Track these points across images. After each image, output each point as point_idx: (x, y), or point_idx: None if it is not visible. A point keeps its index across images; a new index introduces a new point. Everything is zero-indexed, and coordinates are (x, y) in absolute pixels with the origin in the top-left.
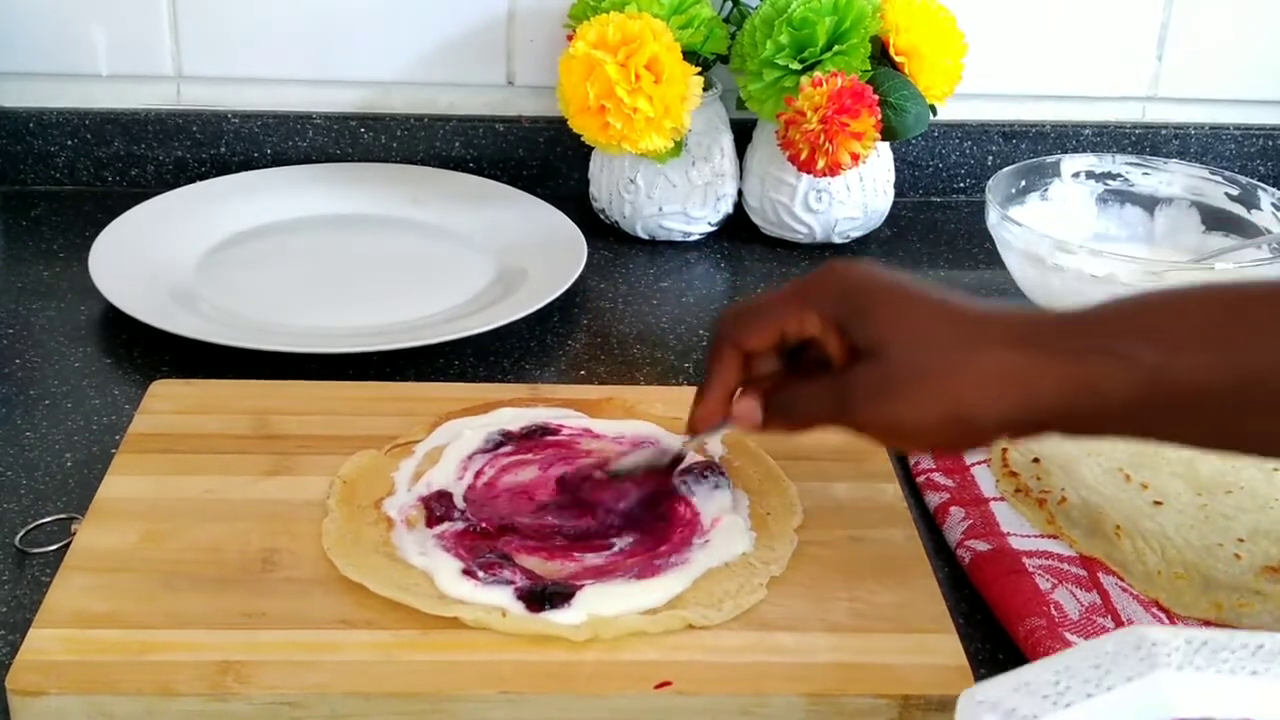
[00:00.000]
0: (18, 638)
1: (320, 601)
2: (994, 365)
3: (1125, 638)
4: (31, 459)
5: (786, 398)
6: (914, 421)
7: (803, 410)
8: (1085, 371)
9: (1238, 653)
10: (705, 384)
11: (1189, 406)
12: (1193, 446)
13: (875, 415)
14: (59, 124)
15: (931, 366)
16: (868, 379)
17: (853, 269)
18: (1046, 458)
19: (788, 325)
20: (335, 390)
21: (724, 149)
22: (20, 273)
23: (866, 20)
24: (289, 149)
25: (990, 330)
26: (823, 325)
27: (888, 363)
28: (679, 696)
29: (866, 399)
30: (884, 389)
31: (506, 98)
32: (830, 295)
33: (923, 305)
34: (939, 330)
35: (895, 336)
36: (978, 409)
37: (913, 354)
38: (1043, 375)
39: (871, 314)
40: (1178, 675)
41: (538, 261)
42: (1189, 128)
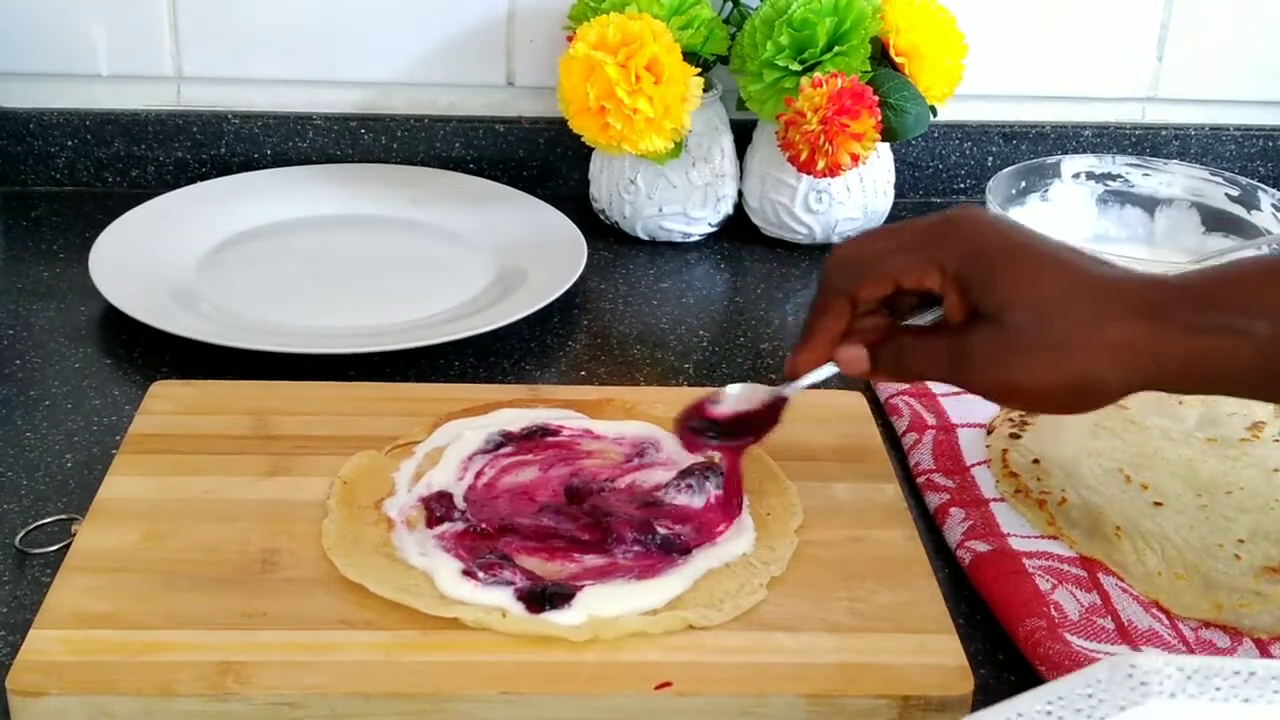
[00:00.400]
0: (18, 638)
1: (320, 602)
2: (1120, 338)
3: (1117, 665)
4: (32, 459)
5: (899, 349)
6: (1036, 387)
7: (916, 366)
8: (1206, 344)
9: (1229, 680)
10: (809, 328)
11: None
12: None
13: (995, 380)
14: (59, 124)
15: (1058, 337)
16: (990, 345)
17: (980, 222)
18: (1046, 458)
19: (906, 279)
20: (335, 390)
21: (724, 150)
22: (21, 273)
23: (866, 21)
24: (289, 150)
25: (1116, 300)
26: (943, 281)
27: (1012, 330)
28: (679, 697)
29: (987, 364)
30: (1007, 356)
31: (506, 98)
32: (955, 251)
33: (1049, 269)
34: (1066, 298)
35: (1022, 302)
36: (1103, 378)
37: (1039, 321)
38: (1167, 348)
39: (998, 277)
40: (1170, 703)
41: (538, 262)
42: (1189, 128)
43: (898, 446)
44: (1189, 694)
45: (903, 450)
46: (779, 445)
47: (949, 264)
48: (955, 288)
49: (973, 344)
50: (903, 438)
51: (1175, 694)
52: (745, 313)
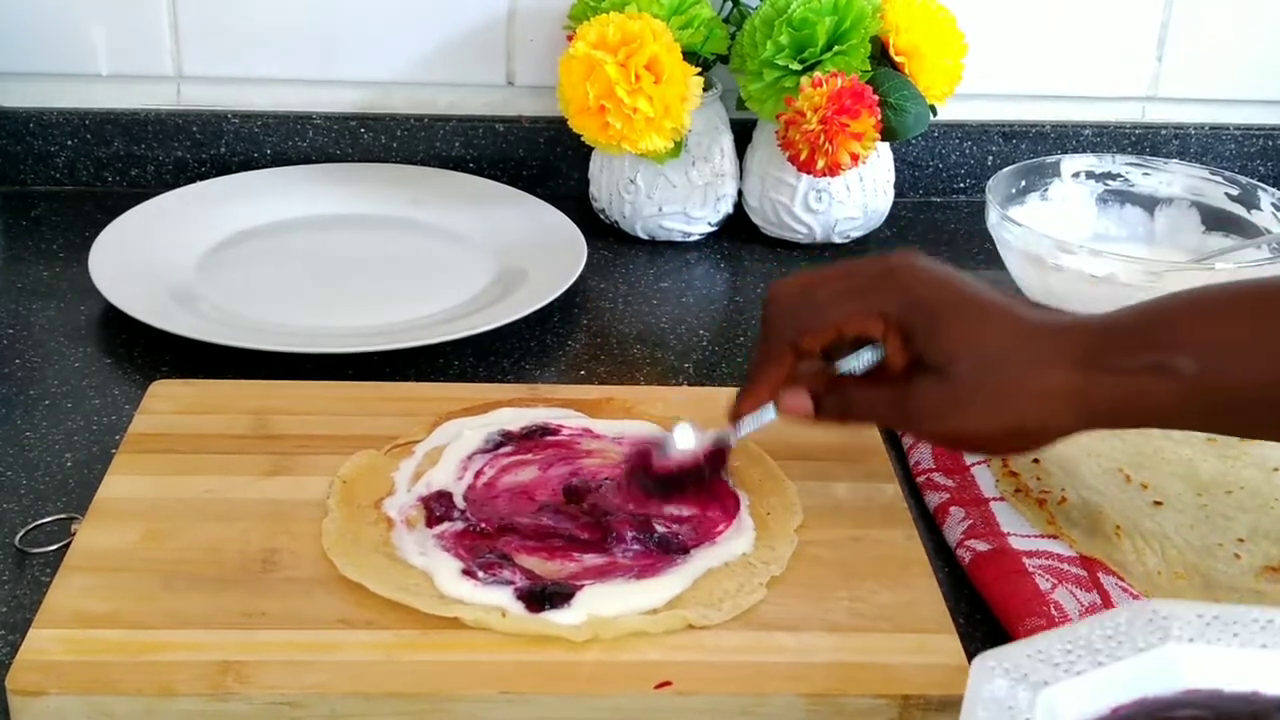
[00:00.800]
0: (18, 638)
1: (320, 601)
2: (1055, 385)
3: (1139, 610)
4: (31, 459)
5: (845, 399)
6: (977, 435)
7: (862, 414)
8: (1135, 385)
9: (1248, 627)
10: (753, 375)
11: (1228, 406)
12: (1239, 436)
13: (942, 430)
14: (59, 124)
15: (999, 389)
16: (937, 397)
17: (920, 271)
18: (1046, 458)
19: (849, 327)
20: (335, 390)
21: (724, 149)
22: (20, 273)
23: (866, 20)
24: (289, 149)
25: (1050, 349)
26: (886, 329)
27: (957, 382)
28: (679, 696)
29: (934, 416)
30: (954, 408)
31: (506, 98)
32: (897, 299)
33: (990, 321)
34: (1006, 350)
35: (966, 354)
36: (1041, 425)
37: (982, 373)
38: (1098, 391)
39: (942, 328)
40: (1189, 647)
41: (538, 261)
42: (1189, 128)
43: (897, 446)
44: (1207, 640)
45: (903, 450)
46: (779, 445)
47: (892, 313)
48: (898, 335)
49: (920, 396)
50: (903, 437)
51: (1194, 639)
52: (745, 312)
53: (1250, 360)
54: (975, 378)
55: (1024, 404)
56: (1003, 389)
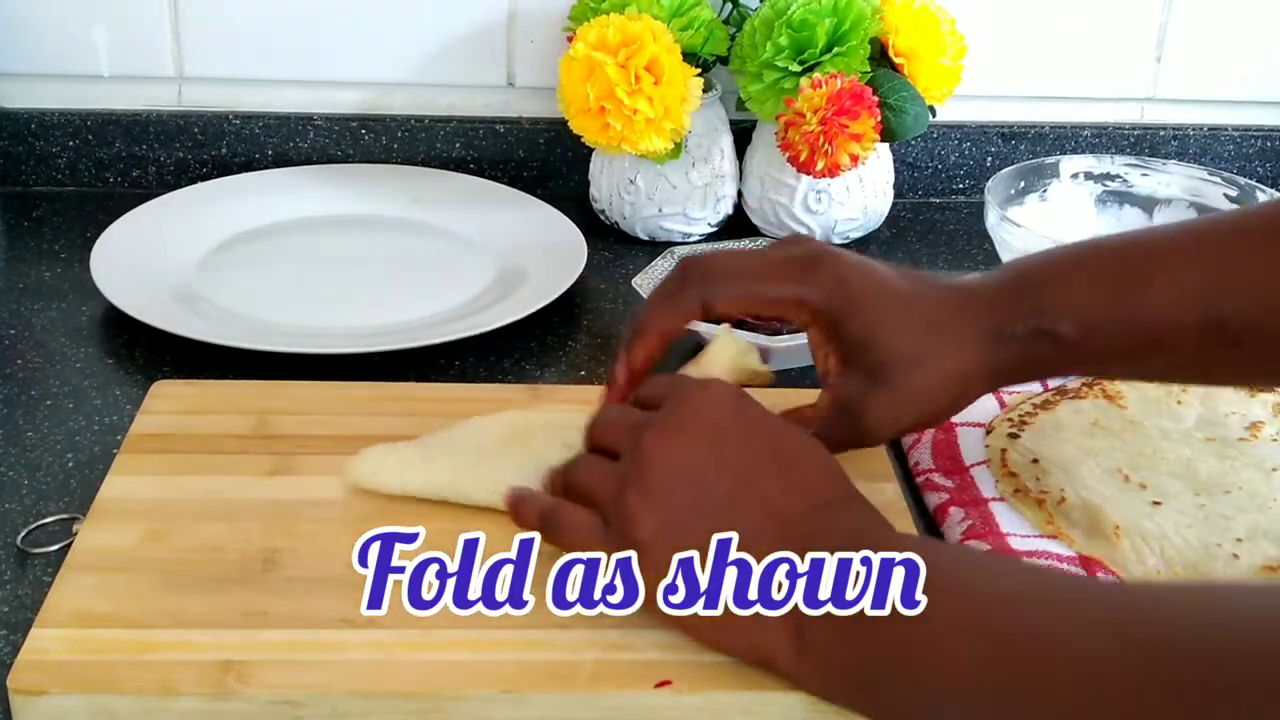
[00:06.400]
0: (19, 637)
1: (321, 601)
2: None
3: None
4: (33, 459)
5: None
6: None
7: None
8: (1029, 351)
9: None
10: (644, 323)
11: (1109, 356)
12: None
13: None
14: (61, 125)
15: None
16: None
17: (842, 261)
18: (1045, 458)
19: (768, 305)
20: (335, 390)
21: (724, 150)
22: (22, 273)
23: (866, 22)
24: (290, 150)
25: (962, 331)
26: (806, 315)
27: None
28: (679, 696)
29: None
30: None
31: (507, 99)
32: (821, 288)
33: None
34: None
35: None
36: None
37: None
38: (1001, 361)
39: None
40: None
41: (538, 262)
42: (1188, 129)
43: (897, 446)
44: None
45: (902, 450)
46: None
47: (818, 305)
48: (819, 323)
49: (870, 412)
50: (902, 437)
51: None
52: None
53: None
54: (910, 379)
55: (954, 388)
56: (934, 381)
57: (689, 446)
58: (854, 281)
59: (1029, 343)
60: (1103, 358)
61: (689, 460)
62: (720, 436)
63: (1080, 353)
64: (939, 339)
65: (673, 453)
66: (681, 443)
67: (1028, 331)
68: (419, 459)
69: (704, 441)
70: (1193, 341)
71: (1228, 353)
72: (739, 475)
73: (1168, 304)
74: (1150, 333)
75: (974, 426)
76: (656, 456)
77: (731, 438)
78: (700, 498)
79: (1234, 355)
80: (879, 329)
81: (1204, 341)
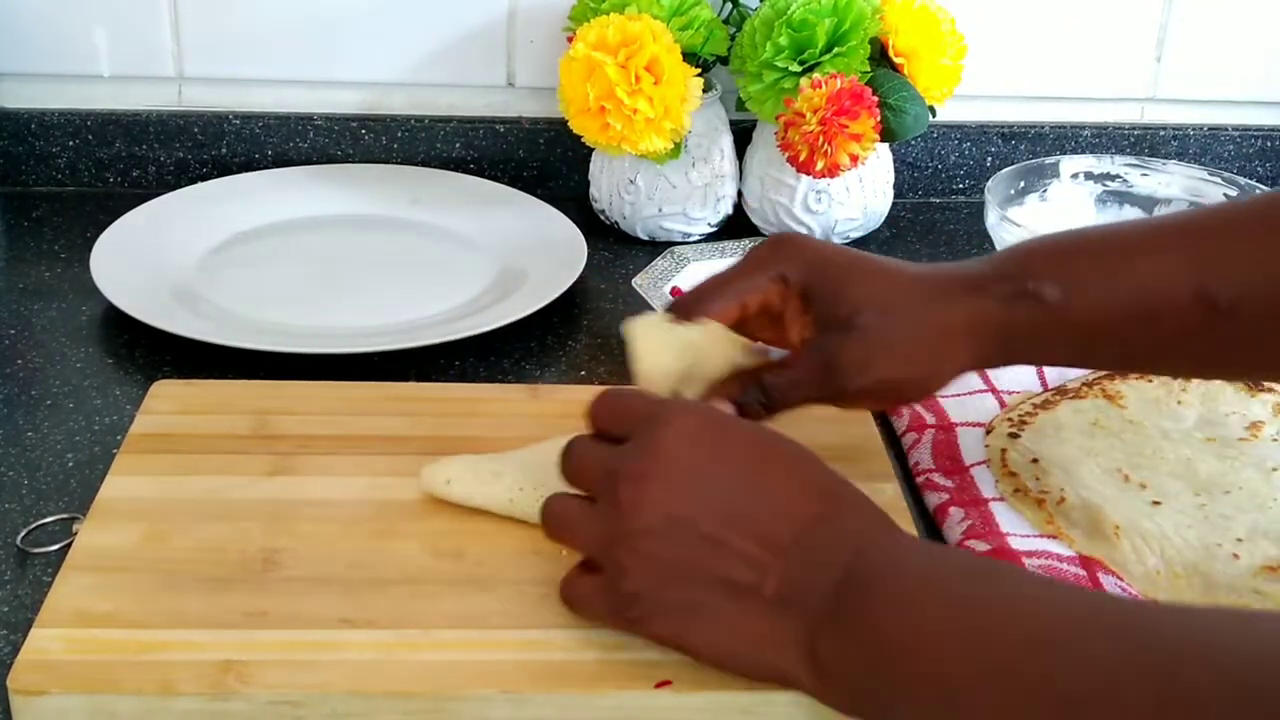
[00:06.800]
0: (19, 637)
1: (321, 601)
2: (954, 320)
3: None
4: (33, 459)
5: (766, 389)
6: (894, 381)
7: (786, 397)
8: (1014, 313)
9: None
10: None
11: (1091, 333)
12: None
13: (862, 382)
14: (61, 125)
15: (905, 331)
16: (850, 350)
17: (808, 240)
18: (1045, 458)
19: (751, 299)
20: (335, 390)
21: (724, 150)
22: (22, 273)
23: (866, 22)
24: (290, 150)
25: (943, 289)
26: (786, 294)
27: (864, 331)
28: (679, 696)
29: (856, 371)
30: (871, 358)
31: (507, 99)
32: (795, 266)
33: (884, 273)
34: (902, 296)
35: (870, 304)
36: (945, 361)
37: (885, 320)
38: (986, 320)
39: (843, 284)
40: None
41: (538, 262)
42: (1188, 129)
43: (897, 446)
44: None
45: (902, 450)
46: None
47: (792, 277)
48: (799, 299)
49: (837, 354)
50: (902, 437)
51: None
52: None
53: (1103, 293)
54: (882, 325)
55: (931, 342)
56: (909, 332)
57: (665, 493)
58: (825, 249)
59: (1012, 302)
60: (1089, 328)
61: (667, 508)
62: (697, 476)
63: (1065, 319)
64: (915, 295)
65: (649, 503)
66: (657, 491)
67: (1011, 291)
68: (490, 474)
69: (681, 484)
70: (1183, 313)
71: (1220, 328)
72: (722, 513)
73: (1156, 275)
74: (1138, 302)
75: (974, 426)
76: (633, 508)
77: (709, 474)
78: (687, 544)
79: (1227, 331)
80: (852, 284)
81: (1195, 314)
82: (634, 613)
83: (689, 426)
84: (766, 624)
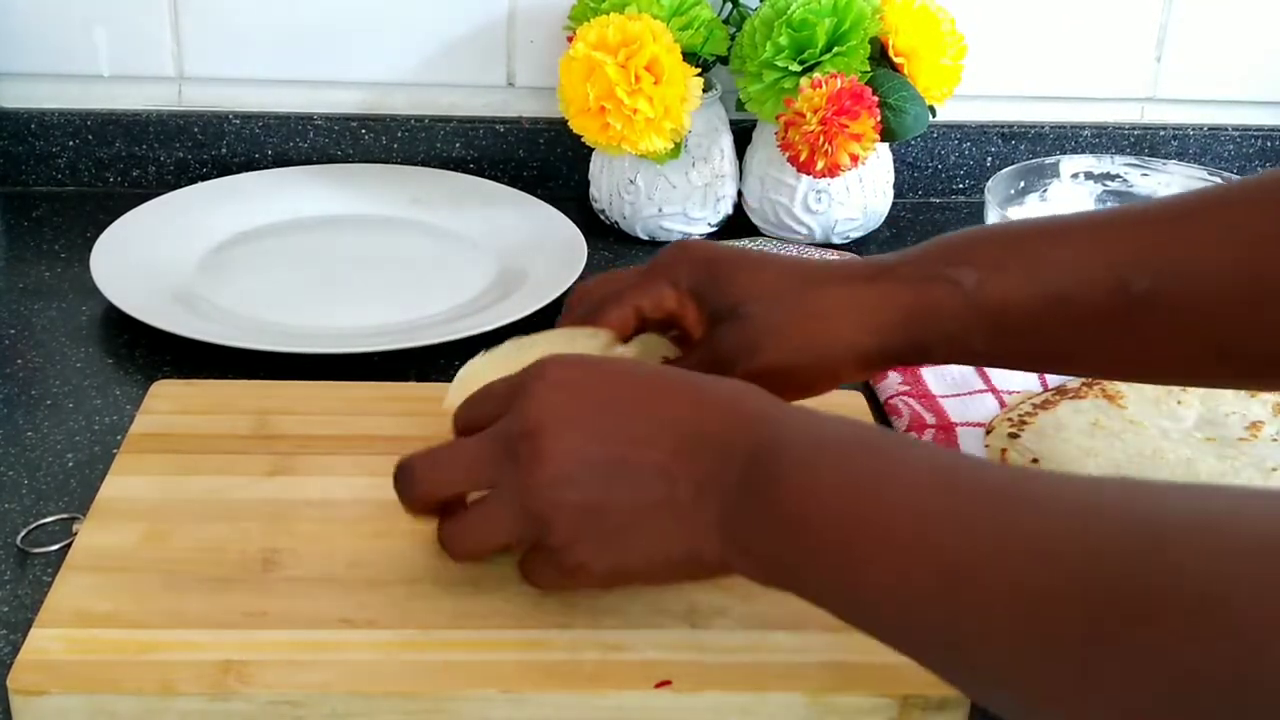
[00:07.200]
0: (19, 637)
1: (321, 601)
2: (844, 300)
3: None
4: (33, 459)
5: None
6: (785, 367)
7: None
8: (922, 294)
9: None
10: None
11: (1006, 324)
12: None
13: (750, 366)
14: (60, 125)
15: (789, 314)
16: (738, 336)
17: (699, 244)
18: (1045, 458)
19: (644, 303)
20: (335, 390)
21: (724, 150)
22: (22, 273)
23: (866, 22)
24: (290, 150)
25: (832, 275)
26: (679, 297)
27: (749, 318)
28: (679, 696)
29: (742, 356)
30: (757, 342)
31: (507, 99)
32: (684, 268)
33: (768, 266)
34: (788, 283)
35: (756, 293)
36: (839, 343)
37: (776, 303)
38: (888, 302)
39: (728, 279)
40: None
41: (538, 262)
42: (1188, 128)
43: None
44: None
45: None
46: None
47: (681, 280)
48: (691, 300)
49: (723, 343)
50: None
51: None
52: None
53: (1021, 278)
54: (767, 311)
55: (818, 325)
56: (794, 316)
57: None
58: (715, 249)
59: (922, 285)
60: (1005, 316)
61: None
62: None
63: (980, 305)
64: (806, 282)
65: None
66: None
67: (922, 275)
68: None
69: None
70: (1101, 304)
71: (1137, 320)
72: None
73: (1076, 264)
74: (1056, 290)
75: (974, 427)
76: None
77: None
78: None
79: (1144, 324)
80: (739, 277)
81: (1112, 305)
82: (572, 560)
83: (556, 374)
84: (689, 524)
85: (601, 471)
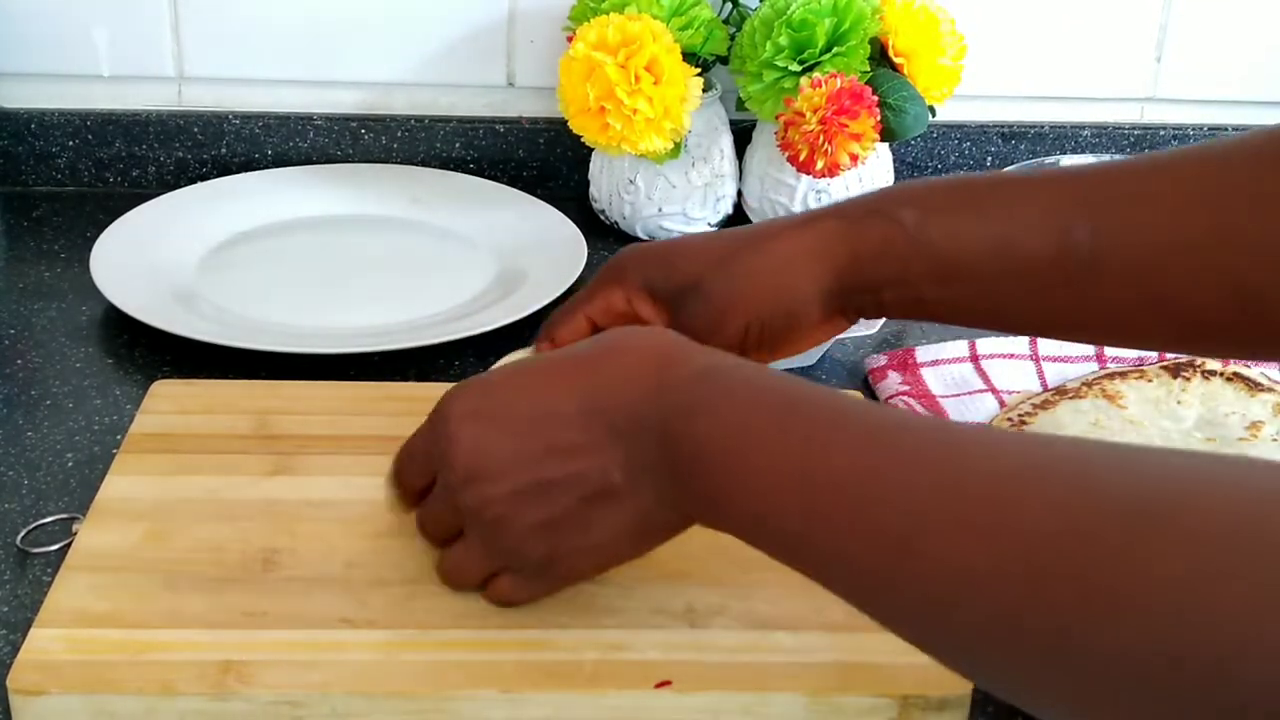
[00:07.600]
0: (19, 637)
1: (321, 601)
2: (795, 243)
3: None
4: (33, 459)
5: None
6: (752, 325)
7: None
8: (867, 232)
9: None
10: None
11: (953, 269)
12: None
13: (727, 337)
14: (60, 125)
15: (743, 270)
16: (704, 310)
17: (640, 244)
18: None
19: (593, 309)
20: (335, 390)
21: (723, 150)
22: (22, 273)
23: (865, 22)
24: (290, 150)
25: (776, 227)
26: (630, 295)
27: (707, 292)
28: (679, 696)
29: (707, 326)
30: (718, 311)
31: (507, 99)
32: (630, 268)
33: (714, 239)
34: (737, 245)
35: (702, 269)
36: (796, 287)
37: (723, 271)
38: (834, 241)
39: (677, 263)
40: None
41: (538, 262)
42: (1187, 128)
43: None
44: None
45: None
46: None
47: (629, 280)
48: (644, 296)
49: (691, 323)
50: None
51: None
52: None
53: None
54: (723, 279)
55: (773, 278)
56: (749, 274)
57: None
58: (654, 244)
59: (863, 221)
60: (947, 258)
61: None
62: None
63: (922, 244)
64: (749, 241)
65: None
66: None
67: (864, 212)
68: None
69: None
70: (1044, 255)
71: (1079, 276)
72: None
73: (1025, 215)
74: (1000, 237)
75: None
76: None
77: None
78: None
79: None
80: (685, 258)
81: (1056, 258)
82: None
83: (457, 408)
84: (633, 503)
85: (542, 490)
